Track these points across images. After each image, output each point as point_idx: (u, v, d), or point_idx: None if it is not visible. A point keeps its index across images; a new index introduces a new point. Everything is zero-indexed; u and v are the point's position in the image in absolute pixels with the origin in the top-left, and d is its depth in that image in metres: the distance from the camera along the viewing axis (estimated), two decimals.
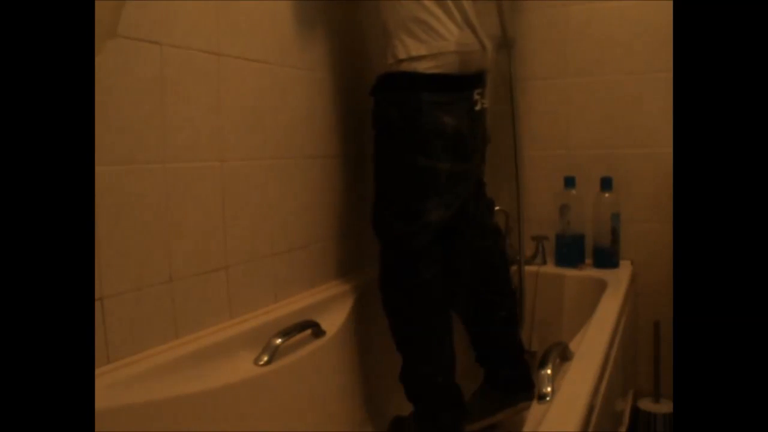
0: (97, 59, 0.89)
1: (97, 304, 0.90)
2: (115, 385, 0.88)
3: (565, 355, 1.05)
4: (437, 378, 1.31)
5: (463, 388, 1.33)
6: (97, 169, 0.89)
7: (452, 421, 1.30)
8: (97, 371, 0.89)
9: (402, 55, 1.24)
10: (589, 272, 1.66)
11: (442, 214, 1.28)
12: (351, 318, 1.39)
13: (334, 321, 1.33)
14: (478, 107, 1.29)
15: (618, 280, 1.55)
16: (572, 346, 1.09)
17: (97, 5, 0.78)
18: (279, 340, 1.14)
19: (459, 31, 1.24)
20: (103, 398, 0.83)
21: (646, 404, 1.69)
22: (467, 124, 1.28)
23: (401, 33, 1.25)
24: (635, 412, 1.66)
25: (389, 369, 1.34)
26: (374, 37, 1.44)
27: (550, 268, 1.73)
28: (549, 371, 0.95)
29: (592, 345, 1.08)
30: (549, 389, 0.92)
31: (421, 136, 1.25)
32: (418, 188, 1.27)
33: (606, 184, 1.68)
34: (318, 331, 1.26)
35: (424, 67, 1.23)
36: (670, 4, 1.48)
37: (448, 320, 1.33)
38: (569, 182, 1.73)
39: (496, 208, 1.70)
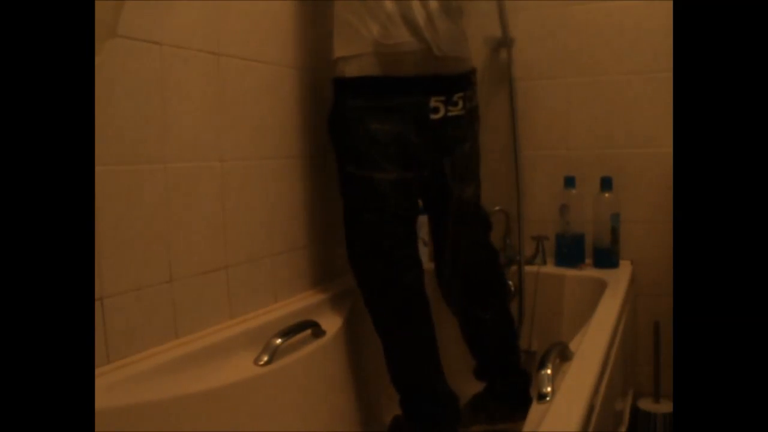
0: (97, 59, 0.89)
1: (97, 304, 0.90)
2: (115, 385, 0.88)
3: (565, 355, 1.05)
4: (421, 384, 1.30)
5: (464, 390, 1.33)
6: (97, 169, 0.89)
7: (443, 426, 1.29)
8: (97, 371, 0.89)
9: (332, 57, 1.21)
10: (589, 272, 1.66)
11: (390, 227, 1.23)
12: (351, 318, 1.39)
13: (334, 321, 1.33)
14: (437, 115, 1.18)
15: (618, 280, 1.54)
16: (572, 346, 1.09)
17: (97, 5, 0.78)
18: (279, 340, 1.14)
19: (382, 30, 1.14)
20: (103, 398, 0.83)
21: (646, 404, 1.69)
22: (416, 132, 1.18)
23: (334, 35, 1.21)
24: (635, 412, 1.66)
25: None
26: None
27: (550, 268, 1.73)
28: (549, 371, 0.95)
29: (592, 345, 1.08)
30: (549, 389, 0.92)
31: (351, 145, 1.21)
32: (357, 199, 1.24)
33: (606, 184, 1.68)
34: (318, 331, 1.26)
35: (348, 70, 1.18)
36: (670, 4, 1.48)
37: (427, 328, 1.30)
38: (569, 182, 1.72)
39: (496, 208, 1.70)
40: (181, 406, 0.94)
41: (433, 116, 1.18)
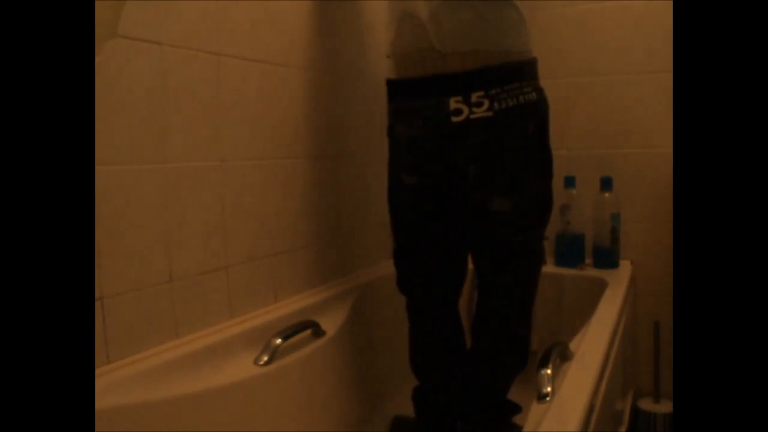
0: (97, 59, 0.89)
1: (97, 304, 0.90)
2: (115, 385, 0.88)
3: (565, 355, 1.05)
4: (424, 380, 1.30)
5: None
6: (97, 169, 0.89)
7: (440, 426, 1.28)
8: (97, 371, 0.89)
9: None
10: (589, 272, 1.66)
11: (413, 232, 1.23)
12: (351, 318, 1.39)
13: (334, 321, 1.33)
14: (459, 118, 1.07)
15: (618, 280, 1.55)
16: (572, 346, 1.09)
17: (98, 5, 0.78)
18: (279, 340, 1.14)
19: (394, 32, 1.13)
20: (103, 398, 0.83)
21: (646, 404, 1.69)
22: (436, 136, 1.11)
23: None
24: (635, 412, 1.66)
25: (389, 369, 1.34)
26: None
27: (550, 268, 1.72)
28: (549, 371, 0.95)
29: (592, 345, 1.08)
30: (549, 389, 0.92)
31: (389, 145, 1.22)
32: (390, 198, 1.26)
33: (606, 184, 1.68)
34: (318, 331, 1.26)
35: (387, 72, 1.20)
36: (670, 4, 1.48)
37: (437, 331, 1.29)
38: (569, 182, 1.72)
39: None
40: (181, 406, 0.94)
41: (455, 119, 1.08)
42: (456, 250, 1.25)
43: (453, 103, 1.08)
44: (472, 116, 1.08)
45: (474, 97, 1.07)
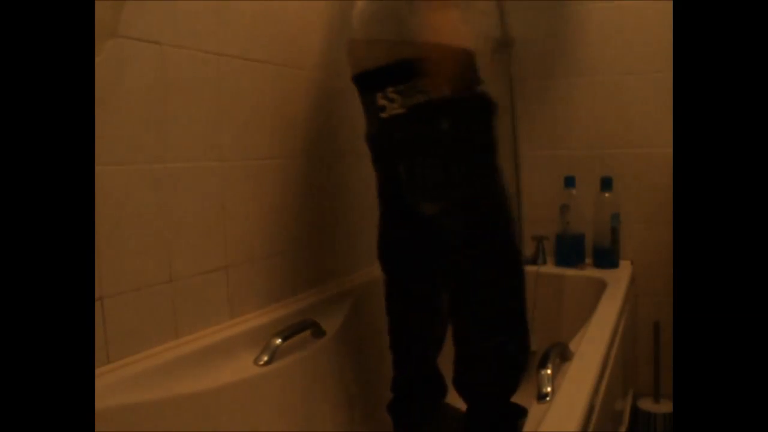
0: (97, 59, 0.89)
1: (97, 304, 0.90)
2: (115, 385, 0.88)
3: (565, 355, 1.05)
4: (395, 382, 1.30)
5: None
6: (97, 169, 0.89)
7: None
8: (97, 371, 0.89)
9: None
10: (589, 272, 1.66)
11: (382, 224, 1.27)
12: (351, 318, 1.39)
13: (334, 321, 1.33)
14: (385, 114, 1.06)
15: (618, 280, 1.55)
16: (572, 346, 1.09)
17: (98, 5, 0.78)
18: (279, 340, 1.14)
19: (354, 21, 1.13)
20: (103, 398, 0.83)
21: (646, 404, 1.69)
22: (376, 134, 1.12)
23: None
24: (635, 412, 1.66)
25: (389, 369, 1.34)
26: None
27: (550, 268, 1.73)
28: (549, 371, 0.95)
29: (592, 345, 1.08)
30: (549, 389, 0.92)
31: None
32: None
33: (606, 184, 1.68)
34: (318, 331, 1.26)
35: None
36: (670, 4, 1.48)
37: (407, 334, 1.29)
38: (569, 182, 1.73)
39: None
40: (181, 406, 0.94)
41: (382, 115, 1.06)
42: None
43: (379, 99, 1.06)
44: (393, 112, 1.05)
45: (389, 93, 1.04)
